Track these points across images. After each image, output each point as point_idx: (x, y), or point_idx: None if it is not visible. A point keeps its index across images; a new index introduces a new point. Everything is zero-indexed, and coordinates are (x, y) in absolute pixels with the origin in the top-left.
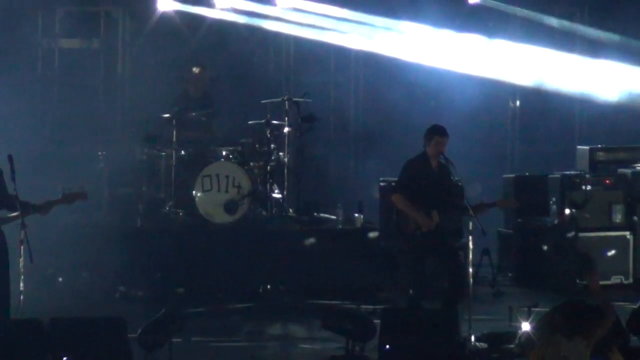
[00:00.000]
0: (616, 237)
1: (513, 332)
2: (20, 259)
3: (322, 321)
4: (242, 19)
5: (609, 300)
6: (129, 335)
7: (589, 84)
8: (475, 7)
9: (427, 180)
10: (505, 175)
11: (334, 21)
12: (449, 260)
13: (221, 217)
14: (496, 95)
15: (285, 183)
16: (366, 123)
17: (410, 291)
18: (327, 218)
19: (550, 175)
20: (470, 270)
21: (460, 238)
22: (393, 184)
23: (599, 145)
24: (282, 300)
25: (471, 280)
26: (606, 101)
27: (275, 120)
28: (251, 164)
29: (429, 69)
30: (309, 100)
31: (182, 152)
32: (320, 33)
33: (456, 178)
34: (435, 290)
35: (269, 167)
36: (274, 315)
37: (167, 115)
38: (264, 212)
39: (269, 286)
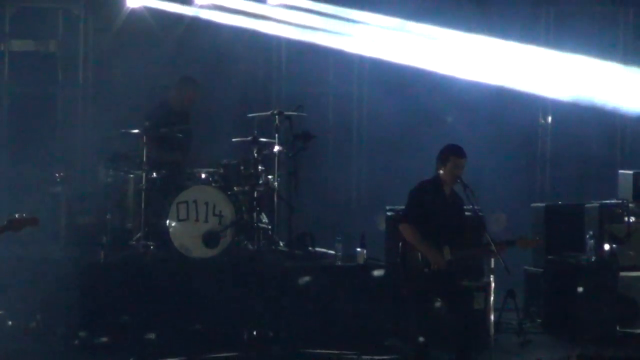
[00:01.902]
0: None
1: None
2: None
3: None
4: (225, 18)
5: None
6: None
7: (633, 97)
8: (497, 6)
9: (439, 209)
10: (534, 205)
11: (334, 21)
12: (459, 304)
13: (199, 251)
14: (524, 109)
15: (275, 211)
16: (371, 142)
17: (419, 339)
18: (324, 253)
19: (587, 205)
20: (492, 315)
21: (479, 277)
22: (401, 212)
23: None
24: (271, 349)
25: (493, 327)
26: None
27: (263, 137)
28: (235, 188)
29: (446, 79)
30: (304, 114)
31: (154, 175)
32: (317, 35)
33: (476, 207)
34: (448, 339)
35: (255, 193)
36: None
37: (136, 131)
38: (249, 246)
39: (255, 332)
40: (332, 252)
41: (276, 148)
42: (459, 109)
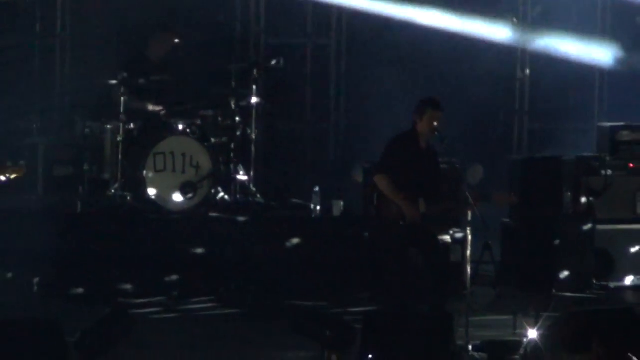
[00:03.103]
0: None
1: (517, 341)
2: None
3: (293, 325)
4: None
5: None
6: (65, 340)
7: (610, 50)
8: None
9: (415, 162)
10: (511, 158)
11: None
12: (435, 256)
13: (176, 202)
14: (502, 62)
15: (253, 163)
16: (349, 94)
17: (395, 291)
18: (301, 204)
19: (565, 158)
20: (468, 268)
21: (454, 230)
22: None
23: (623, 123)
24: (247, 300)
25: (469, 279)
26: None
27: (241, 89)
28: (212, 140)
29: (425, 30)
30: (282, 66)
31: (132, 126)
32: None
33: (453, 160)
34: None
35: (233, 145)
36: (237, 317)
37: (114, 81)
38: (226, 197)
39: (232, 283)
40: (309, 204)
41: (254, 100)
42: (438, 62)
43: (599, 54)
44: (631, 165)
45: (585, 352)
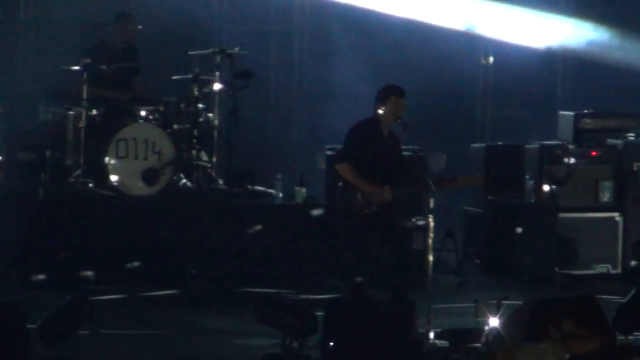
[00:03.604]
0: (603, 219)
1: (479, 329)
2: None
3: (255, 313)
4: None
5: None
6: (27, 326)
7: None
8: None
9: (377, 149)
10: (474, 145)
11: None
12: (397, 244)
13: (138, 189)
14: (465, 50)
15: (215, 150)
16: (312, 81)
17: (357, 279)
18: (263, 192)
19: (527, 146)
20: (431, 256)
21: (417, 217)
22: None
23: (585, 111)
24: (209, 287)
25: (431, 267)
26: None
27: (204, 75)
28: (175, 126)
29: (388, 18)
30: (245, 52)
31: (94, 112)
32: None
33: (416, 147)
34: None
35: (195, 131)
36: (199, 304)
37: (76, 68)
38: (188, 183)
39: (193, 270)
40: (271, 190)
41: (217, 86)
42: (402, 48)
43: (563, 33)
44: (594, 153)
45: (546, 339)
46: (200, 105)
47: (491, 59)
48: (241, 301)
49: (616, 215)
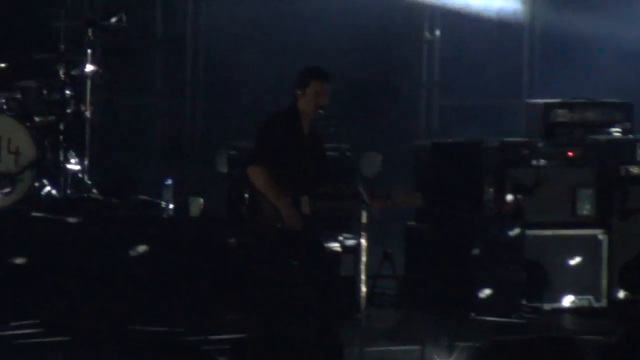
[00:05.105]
0: (582, 237)
1: None
2: None
3: (135, 355)
4: None
5: None
6: None
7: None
8: None
9: (296, 149)
10: (418, 143)
11: None
12: (320, 270)
13: None
14: (405, 22)
15: (87, 149)
16: (211, 60)
17: (269, 314)
18: (149, 201)
19: (485, 144)
20: (363, 285)
21: (346, 235)
22: (249, 152)
23: (559, 100)
24: (79, 323)
25: (364, 299)
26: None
27: (72, 54)
28: (36, 119)
29: None
30: (124, 23)
31: None
32: None
33: (343, 147)
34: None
35: (62, 125)
36: (65, 345)
37: None
38: (54, 192)
39: (59, 303)
40: (159, 201)
41: (88, 67)
42: (324, 21)
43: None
44: (570, 153)
45: None
46: (68, 92)
47: (437, 33)
48: (118, 341)
49: (599, 232)
